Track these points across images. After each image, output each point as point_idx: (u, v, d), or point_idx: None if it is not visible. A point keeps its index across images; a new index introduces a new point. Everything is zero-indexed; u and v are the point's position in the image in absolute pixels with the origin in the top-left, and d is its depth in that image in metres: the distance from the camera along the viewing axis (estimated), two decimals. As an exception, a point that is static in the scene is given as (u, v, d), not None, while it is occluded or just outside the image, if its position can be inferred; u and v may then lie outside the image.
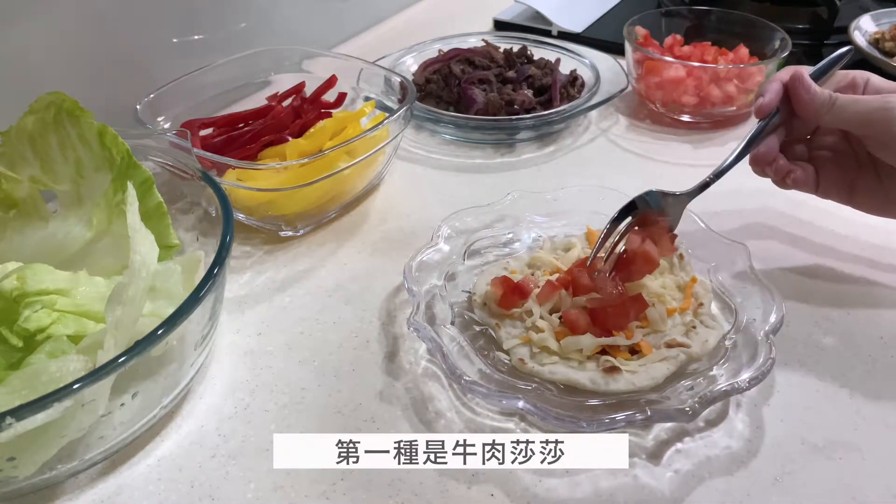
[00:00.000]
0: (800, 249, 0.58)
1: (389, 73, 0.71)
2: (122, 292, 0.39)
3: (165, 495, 0.40)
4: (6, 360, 0.42)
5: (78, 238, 0.50)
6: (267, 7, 0.84)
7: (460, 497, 0.40)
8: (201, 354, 0.45)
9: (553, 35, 0.97)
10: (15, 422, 0.33)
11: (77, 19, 0.64)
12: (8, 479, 0.37)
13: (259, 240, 0.60)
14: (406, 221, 0.63)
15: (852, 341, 0.49)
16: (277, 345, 0.50)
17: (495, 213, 0.57)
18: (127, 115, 0.60)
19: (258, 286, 0.55)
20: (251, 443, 0.43)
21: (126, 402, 0.40)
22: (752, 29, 0.81)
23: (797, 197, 0.54)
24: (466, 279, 0.53)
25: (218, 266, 0.42)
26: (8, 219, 0.50)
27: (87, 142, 0.49)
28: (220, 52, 0.71)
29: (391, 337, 0.50)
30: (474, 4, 1.08)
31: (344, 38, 0.97)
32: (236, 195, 0.56)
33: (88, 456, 0.40)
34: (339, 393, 0.46)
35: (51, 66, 0.63)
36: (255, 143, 0.63)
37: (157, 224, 0.50)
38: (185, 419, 0.45)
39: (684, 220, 0.53)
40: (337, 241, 0.60)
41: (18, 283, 0.43)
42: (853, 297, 0.53)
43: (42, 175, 0.50)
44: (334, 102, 0.70)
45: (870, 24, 0.90)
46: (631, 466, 0.41)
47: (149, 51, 0.72)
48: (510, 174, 0.69)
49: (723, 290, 0.50)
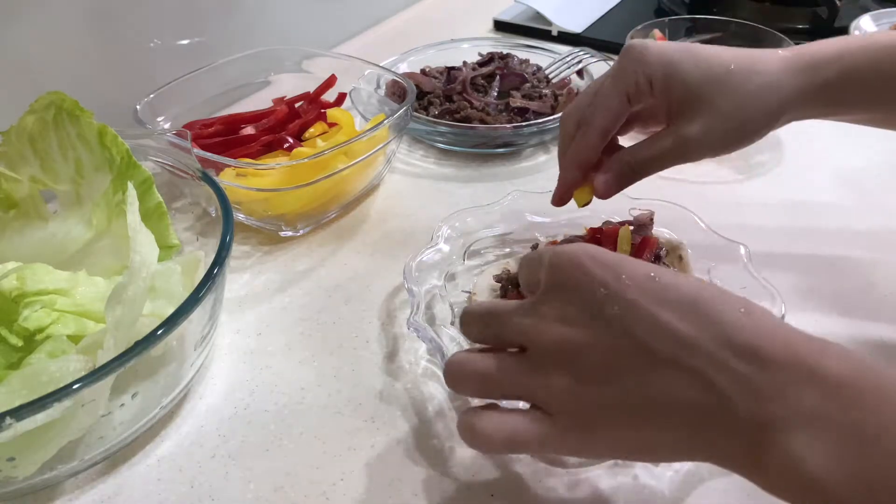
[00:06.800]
0: (800, 249, 0.58)
1: (389, 73, 0.71)
2: (122, 292, 0.39)
3: (165, 495, 0.40)
4: (6, 359, 0.41)
5: (78, 238, 0.50)
6: (267, 7, 0.84)
7: (460, 497, 0.40)
8: (201, 354, 0.45)
9: (553, 35, 0.97)
10: (15, 422, 0.33)
11: (77, 19, 0.64)
12: (8, 479, 0.37)
13: (259, 240, 0.60)
14: (406, 221, 0.63)
15: (852, 341, 0.49)
16: (277, 345, 0.50)
17: (495, 213, 0.57)
18: (127, 115, 0.60)
19: (258, 286, 0.55)
20: (251, 443, 0.43)
21: (126, 402, 0.40)
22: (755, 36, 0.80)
23: (797, 197, 0.54)
24: (466, 279, 0.53)
25: (218, 266, 0.42)
26: (8, 219, 0.50)
27: (87, 142, 0.49)
28: (220, 53, 0.71)
29: (391, 337, 0.50)
30: (474, 4, 1.08)
31: (344, 38, 0.97)
32: (236, 195, 0.56)
33: (88, 456, 0.40)
34: (339, 393, 0.46)
35: (51, 66, 0.63)
36: (254, 142, 0.63)
37: (157, 224, 0.50)
38: (185, 419, 0.45)
39: (684, 220, 0.53)
40: (337, 241, 0.60)
41: (18, 283, 0.43)
42: (853, 297, 0.53)
43: (42, 175, 0.50)
44: (334, 102, 0.70)
45: (870, 24, 0.90)
46: (631, 466, 0.41)
47: (149, 51, 0.72)
48: (510, 174, 0.69)
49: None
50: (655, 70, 0.44)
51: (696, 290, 0.31)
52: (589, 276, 0.32)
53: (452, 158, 0.72)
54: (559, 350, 0.32)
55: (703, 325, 0.30)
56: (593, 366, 0.32)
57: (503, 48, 0.84)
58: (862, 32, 0.87)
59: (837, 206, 0.53)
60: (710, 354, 0.30)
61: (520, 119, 0.72)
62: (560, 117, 0.50)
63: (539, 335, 0.33)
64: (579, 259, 0.33)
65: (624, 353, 0.31)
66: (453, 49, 0.85)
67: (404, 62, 0.82)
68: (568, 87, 0.79)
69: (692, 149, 0.45)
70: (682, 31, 0.85)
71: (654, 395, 0.30)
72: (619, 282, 0.32)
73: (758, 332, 0.30)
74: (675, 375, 0.30)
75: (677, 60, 0.44)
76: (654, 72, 0.44)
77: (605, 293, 0.32)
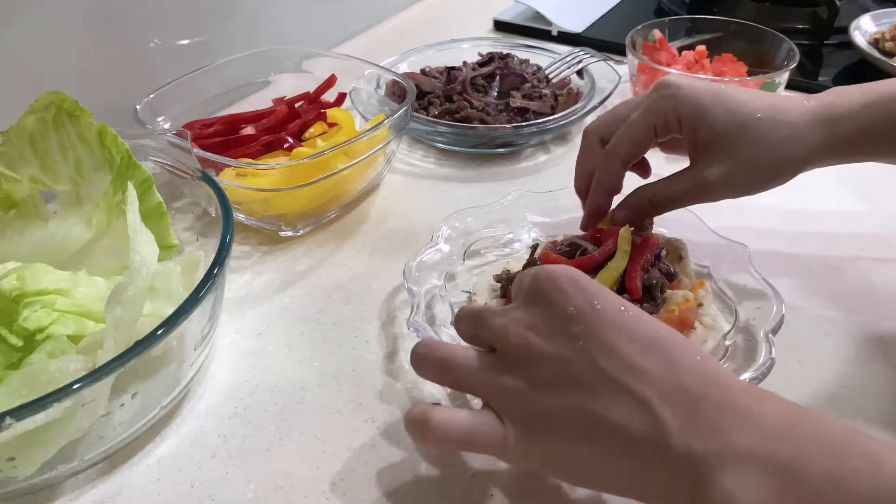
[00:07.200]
0: (800, 249, 0.58)
1: (389, 73, 0.71)
2: (122, 292, 0.39)
3: (165, 495, 0.40)
4: (6, 359, 0.41)
5: (78, 238, 0.50)
6: (267, 7, 0.84)
7: (460, 497, 0.40)
8: (201, 354, 0.45)
9: (553, 35, 0.97)
10: (15, 422, 0.33)
11: (77, 19, 0.64)
12: (8, 480, 0.37)
13: (259, 240, 0.60)
14: (406, 221, 0.63)
15: (852, 341, 0.49)
16: (277, 345, 0.50)
17: (495, 213, 0.57)
18: (127, 115, 0.60)
19: (258, 286, 0.55)
20: (251, 443, 0.43)
21: (126, 402, 0.40)
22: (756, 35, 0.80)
23: (797, 197, 0.54)
24: (466, 279, 0.53)
25: (218, 266, 0.42)
26: (8, 219, 0.50)
27: (86, 142, 0.49)
28: (220, 53, 0.71)
29: (391, 337, 0.50)
30: (474, 4, 1.08)
31: (344, 38, 0.97)
32: (236, 195, 0.56)
33: (88, 456, 0.40)
34: (339, 393, 0.46)
35: (51, 66, 0.63)
36: (254, 143, 0.63)
37: (157, 224, 0.50)
38: (185, 419, 0.45)
39: (684, 220, 0.53)
40: (337, 241, 0.60)
41: (18, 283, 0.43)
42: (853, 297, 0.53)
43: (42, 175, 0.50)
44: (334, 102, 0.70)
45: (870, 24, 0.90)
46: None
47: (149, 51, 0.72)
48: (510, 174, 0.69)
49: (722, 291, 0.50)
50: (686, 110, 0.46)
51: (659, 330, 0.33)
52: (563, 295, 0.34)
53: (452, 158, 0.72)
54: (520, 354, 0.34)
55: (657, 360, 0.32)
56: (547, 375, 0.33)
57: (503, 48, 0.84)
58: (862, 32, 0.87)
59: (837, 206, 0.53)
60: (657, 387, 0.31)
61: (520, 119, 0.72)
62: (583, 130, 0.52)
63: (505, 337, 0.35)
64: (559, 279, 0.35)
65: (578, 369, 0.33)
66: (453, 49, 0.85)
67: (404, 62, 0.82)
68: (568, 87, 0.79)
69: (712, 191, 0.47)
70: (682, 31, 0.85)
71: (600, 415, 0.32)
72: (590, 306, 0.34)
73: (707, 377, 0.32)
74: (622, 401, 0.32)
75: (707, 104, 0.46)
76: (685, 112, 0.46)
77: (574, 313, 0.34)
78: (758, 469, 0.28)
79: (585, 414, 0.32)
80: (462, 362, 0.36)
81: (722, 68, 0.77)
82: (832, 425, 0.30)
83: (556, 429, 0.33)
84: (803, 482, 0.28)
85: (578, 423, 0.32)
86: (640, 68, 0.76)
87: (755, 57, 0.78)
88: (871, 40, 0.87)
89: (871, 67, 0.84)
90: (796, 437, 0.29)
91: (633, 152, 0.48)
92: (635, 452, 0.31)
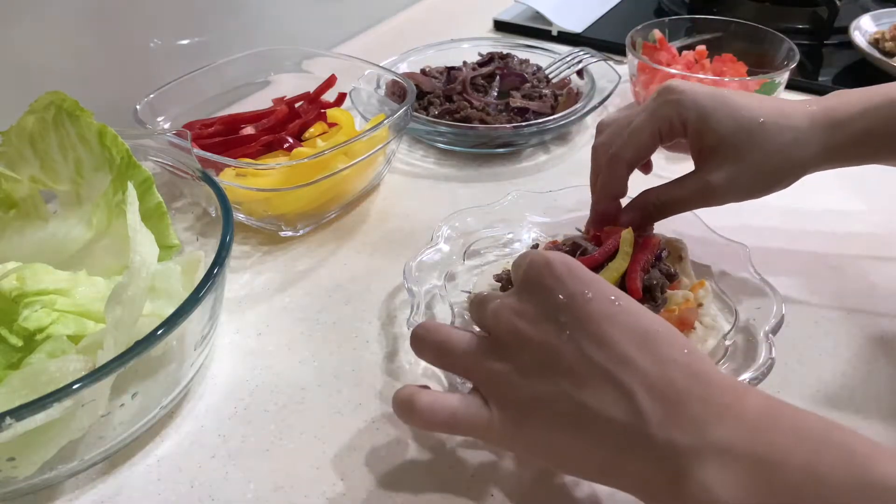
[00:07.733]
0: (800, 249, 0.58)
1: (389, 73, 0.71)
2: (122, 292, 0.39)
3: (165, 495, 0.40)
4: (6, 359, 0.41)
5: (78, 238, 0.50)
6: (267, 7, 0.84)
7: (461, 496, 0.40)
8: (201, 354, 0.45)
9: (553, 35, 0.97)
10: (15, 422, 0.33)
11: (77, 19, 0.64)
12: (8, 480, 0.37)
13: (259, 240, 0.60)
14: (406, 221, 0.63)
15: (852, 341, 0.49)
16: (277, 345, 0.50)
17: (495, 213, 0.57)
18: (127, 115, 0.60)
19: (258, 286, 0.55)
20: (251, 443, 0.43)
21: (126, 402, 0.40)
22: (756, 35, 0.80)
23: (797, 197, 0.54)
24: (466, 279, 0.53)
25: (218, 266, 0.42)
26: (8, 219, 0.50)
27: (86, 142, 0.49)
28: (220, 53, 0.71)
29: (391, 337, 0.50)
30: (474, 4, 1.08)
31: (344, 38, 0.97)
32: (236, 195, 0.56)
33: (88, 456, 0.40)
34: (339, 393, 0.46)
35: (51, 66, 0.63)
36: (254, 142, 0.63)
37: (157, 224, 0.50)
38: (185, 419, 0.45)
39: (684, 220, 0.53)
40: (337, 241, 0.60)
41: (18, 283, 0.43)
42: (853, 297, 0.53)
43: (42, 175, 0.50)
44: (334, 102, 0.70)
45: (870, 24, 0.90)
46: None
47: (149, 51, 0.72)
48: (510, 174, 0.69)
49: (722, 290, 0.50)
50: (690, 115, 0.47)
51: (648, 323, 0.34)
52: (556, 282, 0.35)
53: (452, 158, 0.72)
54: (509, 339, 0.35)
55: (643, 351, 0.32)
56: (534, 360, 0.34)
57: (503, 48, 0.84)
58: (862, 32, 0.87)
59: (838, 206, 0.53)
60: (643, 379, 0.32)
61: (520, 119, 0.72)
62: (591, 147, 0.52)
63: (497, 322, 0.36)
64: (554, 265, 0.35)
65: (564, 357, 0.33)
66: (453, 49, 0.85)
67: (404, 62, 0.82)
68: (568, 87, 0.78)
69: (718, 194, 0.48)
70: (682, 31, 0.85)
71: (584, 403, 0.32)
72: (581, 295, 0.34)
73: (691, 370, 0.32)
74: (606, 391, 0.32)
75: (711, 109, 0.46)
76: (689, 116, 0.47)
77: (564, 301, 0.34)
78: (736, 463, 0.29)
79: (569, 401, 0.32)
80: (457, 345, 0.37)
81: (722, 68, 0.77)
82: (811, 420, 0.30)
83: (540, 415, 0.33)
84: (781, 475, 0.28)
85: (562, 410, 0.33)
86: (640, 68, 0.76)
87: (755, 57, 0.78)
88: (871, 40, 0.87)
89: (871, 67, 0.84)
90: (775, 431, 0.30)
91: (638, 157, 0.49)
92: (617, 442, 0.32)
